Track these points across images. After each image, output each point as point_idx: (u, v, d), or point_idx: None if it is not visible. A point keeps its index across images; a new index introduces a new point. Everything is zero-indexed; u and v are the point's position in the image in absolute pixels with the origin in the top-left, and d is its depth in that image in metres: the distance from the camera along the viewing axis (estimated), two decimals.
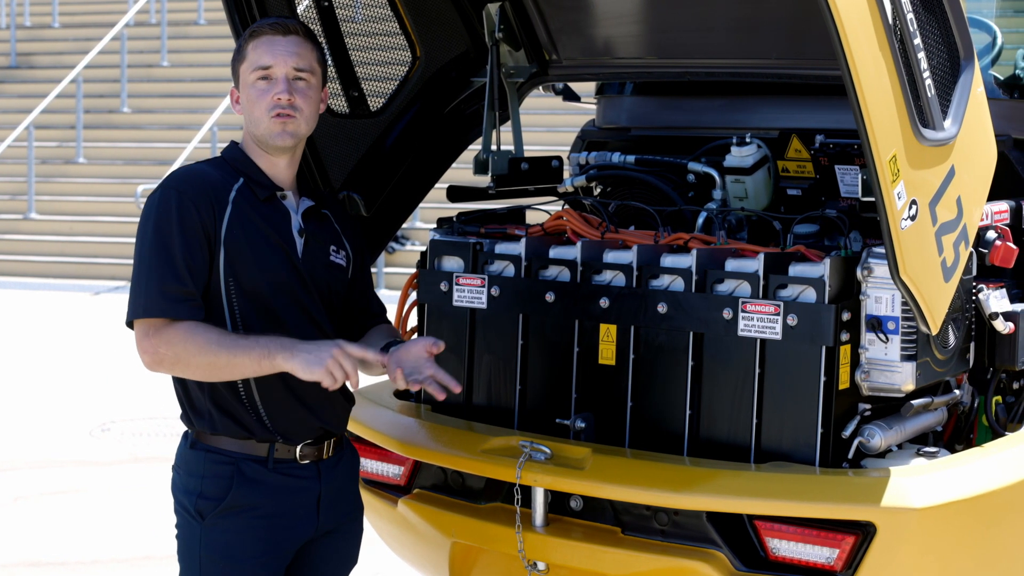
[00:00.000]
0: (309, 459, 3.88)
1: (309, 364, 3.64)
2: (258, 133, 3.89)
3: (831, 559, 3.86)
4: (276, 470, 3.83)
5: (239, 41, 3.95)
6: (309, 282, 3.89)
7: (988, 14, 5.25)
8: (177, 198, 3.75)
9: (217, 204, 3.78)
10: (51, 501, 7.97)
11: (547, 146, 7.32)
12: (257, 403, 3.82)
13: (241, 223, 3.80)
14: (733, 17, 4.64)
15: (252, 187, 3.87)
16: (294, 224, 3.91)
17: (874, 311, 3.99)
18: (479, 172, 5.02)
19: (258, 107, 3.86)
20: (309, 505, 3.89)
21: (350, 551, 4.11)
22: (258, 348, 3.67)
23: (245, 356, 3.67)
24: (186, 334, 3.68)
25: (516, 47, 4.99)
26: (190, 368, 3.71)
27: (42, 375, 11.40)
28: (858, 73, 3.50)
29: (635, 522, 4.17)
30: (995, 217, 4.36)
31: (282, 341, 3.69)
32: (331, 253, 3.99)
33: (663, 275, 4.25)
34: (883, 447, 4.03)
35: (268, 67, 3.86)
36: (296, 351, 3.66)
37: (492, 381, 4.58)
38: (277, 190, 3.91)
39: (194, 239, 3.73)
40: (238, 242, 3.78)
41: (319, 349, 3.67)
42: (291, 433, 3.86)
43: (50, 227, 17.62)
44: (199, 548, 3.83)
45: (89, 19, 22.15)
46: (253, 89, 3.87)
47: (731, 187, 4.73)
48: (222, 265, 3.77)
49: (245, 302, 3.79)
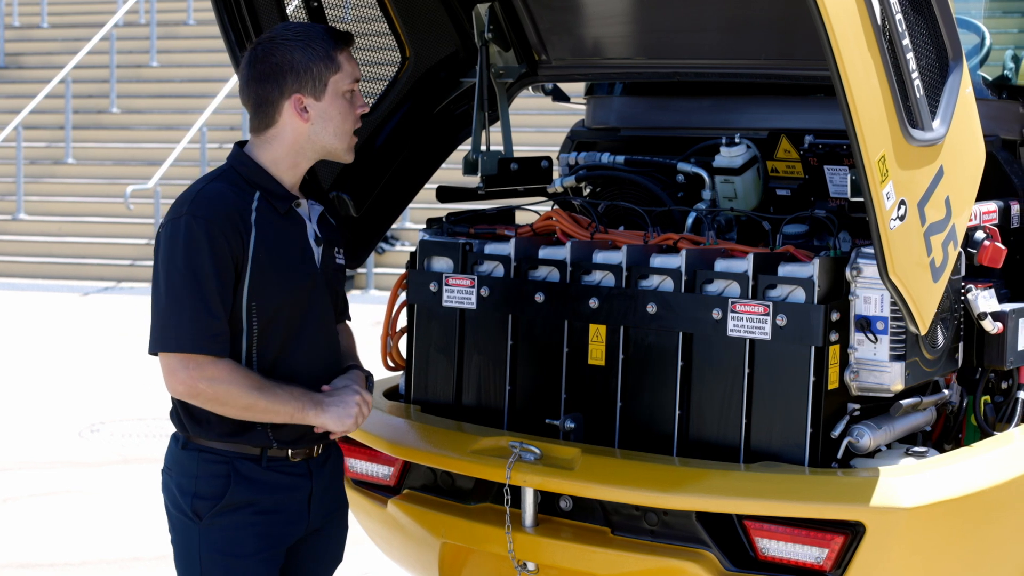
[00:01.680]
0: (300, 457, 3.88)
1: (340, 418, 3.80)
2: (340, 146, 3.88)
3: (820, 559, 3.86)
4: (270, 468, 3.83)
5: (321, 46, 3.81)
6: (326, 289, 3.92)
7: (976, 14, 5.26)
8: (206, 228, 3.69)
9: (243, 229, 3.74)
10: (40, 502, 7.96)
11: (537, 146, 7.32)
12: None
13: (266, 245, 3.76)
14: (722, 17, 4.65)
15: (270, 200, 3.82)
16: (310, 233, 3.90)
17: (863, 311, 3.99)
18: (469, 172, 5.02)
19: (348, 120, 3.86)
20: (301, 502, 3.90)
21: (336, 550, 4.11)
22: (293, 401, 3.76)
23: (282, 407, 3.75)
24: (230, 376, 3.70)
25: (505, 47, 4.99)
26: (227, 408, 3.73)
27: (31, 376, 11.39)
28: (847, 73, 3.51)
29: (625, 522, 4.18)
30: (983, 217, 4.37)
31: (311, 396, 3.79)
32: (337, 255, 4.00)
33: (652, 275, 4.25)
34: (872, 447, 4.04)
35: (359, 80, 3.87)
36: (326, 406, 3.80)
37: (482, 381, 4.58)
38: (294, 199, 3.87)
39: (225, 271, 3.71)
40: (263, 265, 3.75)
41: (343, 401, 3.82)
42: (290, 439, 3.85)
43: (39, 227, 17.59)
44: (198, 548, 3.82)
45: (78, 19, 22.11)
46: (341, 100, 3.84)
47: (720, 187, 4.74)
48: (246, 289, 3.75)
49: (265, 322, 3.79)
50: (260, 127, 3.86)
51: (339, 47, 3.84)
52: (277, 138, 3.85)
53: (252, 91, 3.85)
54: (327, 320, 3.95)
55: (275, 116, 3.83)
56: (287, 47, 3.81)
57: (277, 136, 3.85)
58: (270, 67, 3.81)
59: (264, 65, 3.82)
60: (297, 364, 3.85)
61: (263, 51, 3.83)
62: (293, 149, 3.85)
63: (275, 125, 3.84)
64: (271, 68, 3.81)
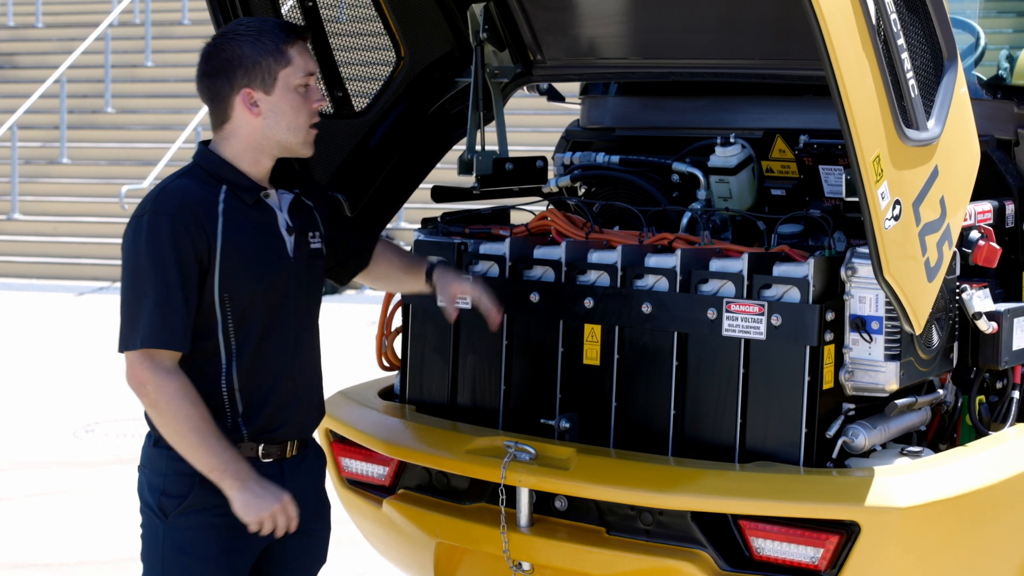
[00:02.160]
0: (272, 458, 3.87)
1: (247, 507, 3.71)
2: (294, 140, 3.86)
3: (815, 558, 3.86)
4: None
5: (271, 40, 3.80)
6: (302, 277, 3.91)
7: (971, 15, 5.26)
8: (170, 224, 3.70)
9: (208, 223, 3.74)
10: (34, 502, 7.95)
11: (532, 146, 7.33)
12: (238, 408, 3.82)
13: (234, 237, 3.77)
14: (717, 17, 4.65)
15: (237, 193, 3.82)
16: (281, 223, 3.90)
17: (858, 311, 3.99)
18: (464, 172, 5.02)
19: (302, 114, 3.84)
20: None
21: (317, 550, 4.09)
22: (217, 461, 3.69)
23: (204, 456, 3.69)
24: (177, 394, 3.68)
25: (501, 47, 4.99)
26: (161, 419, 3.71)
27: (26, 376, 11.38)
28: (842, 73, 3.51)
29: (620, 522, 4.18)
30: (978, 217, 4.37)
31: (239, 469, 3.71)
32: (311, 241, 3.97)
33: (647, 275, 4.25)
34: (867, 447, 4.04)
35: (313, 74, 3.85)
36: (244, 488, 3.71)
37: (477, 381, 4.58)
38: (261, 190, 3.88)
39: (189, 266, 3.70)
40: (233, 257, 3.76)
41: (265, 498, 3.72)
42: (262, 436, 3.85)
43: (33, 227, 17.57)
44: (162, 546, 3.82)
45: (73, 19, 22.10)
46: (294, 95, 3.82)
47: (715, 187, 4.74)
48: (217, 283, 3.75)
49: (239, 315, 3.79)
50: (217, 123, 3.87)
51: (290, 41, 3.81)
52: (234, 134, 3.85)
53: (204, 87, 3.85)
54: (305, 309, 3.94)
55: (228, 112, 3.83)
56: (237, 42, 3.80)
57: (234, 132, 3.84)
58: (220, 62, 3.81)
59: (215, 60, 3.82)
60: (276, 353, 3.84)
61: (214, 46, 3.83)
62: (250, 144, 3.84)
63: (230, 121, 3.84)
64: (221, 63, 3.81)
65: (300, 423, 3.95)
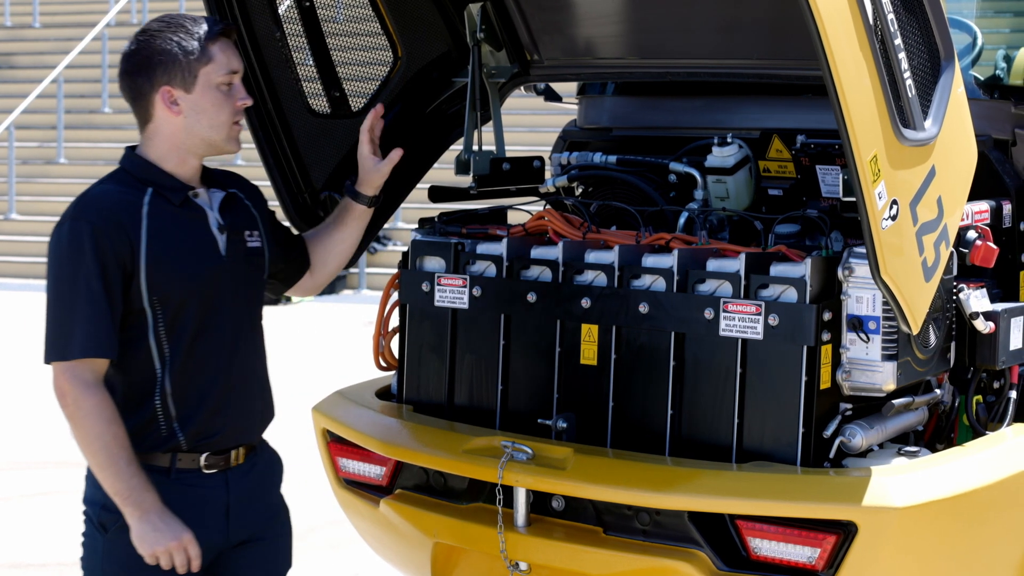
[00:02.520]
0: (215, 468, 3.79)
1: (142, 539, 3.62)
2: (217, 138, 3.78)
3: (812, 558, 3.86)
4: (179, 480, 3.74)
5: (193, 37, 3.74)
6: (237, 279, 3.82)
7: (968, 15, 5.27)
8: (90, 230, 3.64)
9: (131, 226, 3.67)
10: (32, 502, 7.95)
11: (529, 146, 7.31)
12: (172, 414, 3.74)
13: (160, 239, 3.69)
14: (714, 17, 4.65)
15: (163, 194, 3.75)
16: (212, 221, 3.81)
17: (855, 311, 3.99)
18: (461, 172, 5.01)
19: (224, 112, 3.77)
20: (216, 515, 3.80)
21: (278, 557, 4.00)
22: (122, 486, 3.61)
23: (110, 478, 3.61)
24: (94, 410, 3.60)
25: (498, 47, 4.99)
26: (75, 434, 3.63)
27: (23, 376, 11.37)
28: (839, 73, 3.51)
29: (617, 522, 4.18)
30: (975, 217, 4.37)
31: (142, 499, 3.62)
32: (247, 239, 3.89)
33: (644, 275, 4.25)
34: (864, 446, 4.04)
35: (236, 72, 3.78)
36: (143, 519, 3.62)
37: (474, 381, 4.58)
38: (189, 189, 3.79)
39: (111, 272, 3.63)
40: (159, 260, 3.68)
41: (162, 532, 3.62)
42: (201, 442, 3.77)
43: (31, 227, 17.56)
44: (102, 561, 3.75)
45: (70, 19, 22.10)
46: (217, 92, 3.75)
47: (712, 187, 4.74)
48: (144, 285, 3.67)
49: (171, 318, 3.70)
50: (141, 123, 3.81)
51: (213, 38, 3.75)
52: (157, 134, 3.78)
53: (125, 85, 3.79)
54: (243, 310, 3.86)
55: (150, 110, 3.76)
56: (158, 39, 3.73)
57: (157, 132, 3.78)
58: (141, 59, 3.74)
59: (135, 58, 3.75)
60: (210, 355, 3.76)
61: (135, 43, 3.76)
62: (174, 144, 3.78)
63: (152, 120, 3.77)
64: (142, 61, 3.74)
65: (242, 428, 3.86)
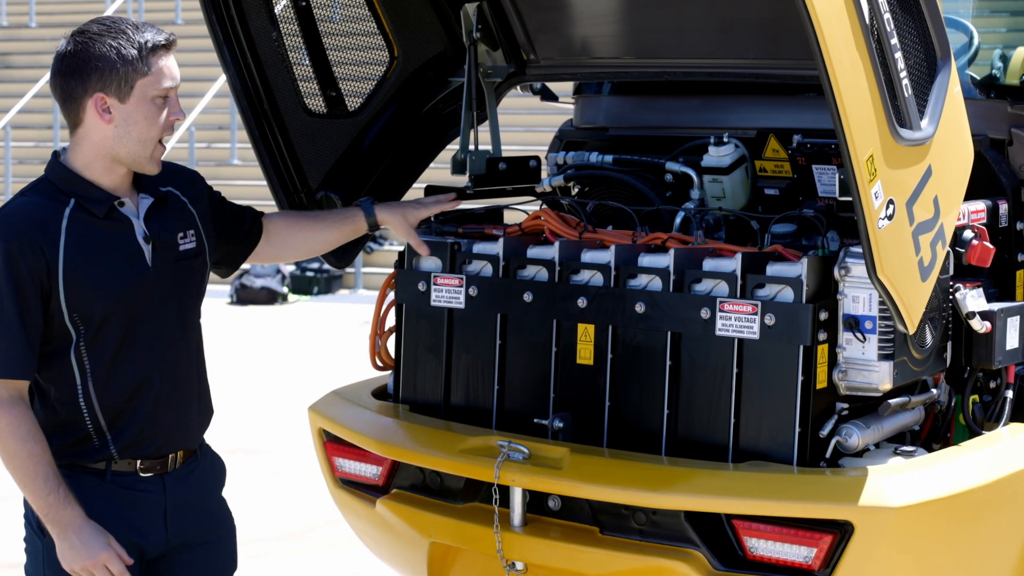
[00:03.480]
0: (151, 472, 3.75)
1: (63, 556, 3.60)
2: (142, 154, 3.68)
3: (809, 558, 3.86)
4: (115, 482, 3.72)
5: (134, 46, 3.62)
6: (164, 287, 3.73)
7: (965, 14, 5.27)
8: (4, 249, 3.55)
9: (47, 243, 3.57)
10: None
11: (525, 146, 7.31)
12: (102, 426, 3.69)
13: (78, 253, 3.60)
14: (710, 17, 4.65)
15: (86, 206, 3.64)
16: (138, 232, 3.71)
17: (851, 310, 3.99)
18: (457, 172, 5.02)
19: (154, 127, 3.66)
20: (154, 517, 3.76)
21: (223, 560, 3.97)
22: (41, 503, 3.59)
23: (30, 496, 3.60)
24: (7, 430, 3.57)
25: (494, 47, 4.99)
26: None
27: None
28: (835, 73, 3.51)
29: (613, 522, 4.17)
30: (972, 216, 4.38)
31: (60, 515, 3.59)
32: (180, 243, 3.79)
33: (641, 275, 4.25)
34: (860, 446, 4.04)
35: (172, 88, 3.68)
36: (63, 536, 3.59)
37: (470, 381, 4.58)
38: (114, 200, 3.69)
39: (26, 290, 3.56)
40: (77, 275, 3.59)
41: (80, 551, 3.59)
42: (136, 454, 3.73)
43: None
44: (43, 564, 3.72)
45: (67, 19, 22.03)
46: (151, 106, 3.64)
47: (709, 187, 4.74)
48: (63, 303, 3.59)
49: (93, 333, 3.63)
50: (70, 126, 3.70)
51: (153, 49, 3.64)
52: (85, 139, 3.67)
53: (58, 85, 3.66)
54: (174, 318, 3.78)
55: (80, 114, 3.65)
56: (98, 42, 3.61)
57: (85, 137, 3.66)
58: (77, 62, 3.61)
59: (72, 59, 3.62)
60: (136, 367, 3.70)
61: (73, 44, 3.63)
62: (100, 152, 3.67)
63: (82, 125, 3.66)
64: (78, 63, 3.61)
65: (178, 435, 3.80)
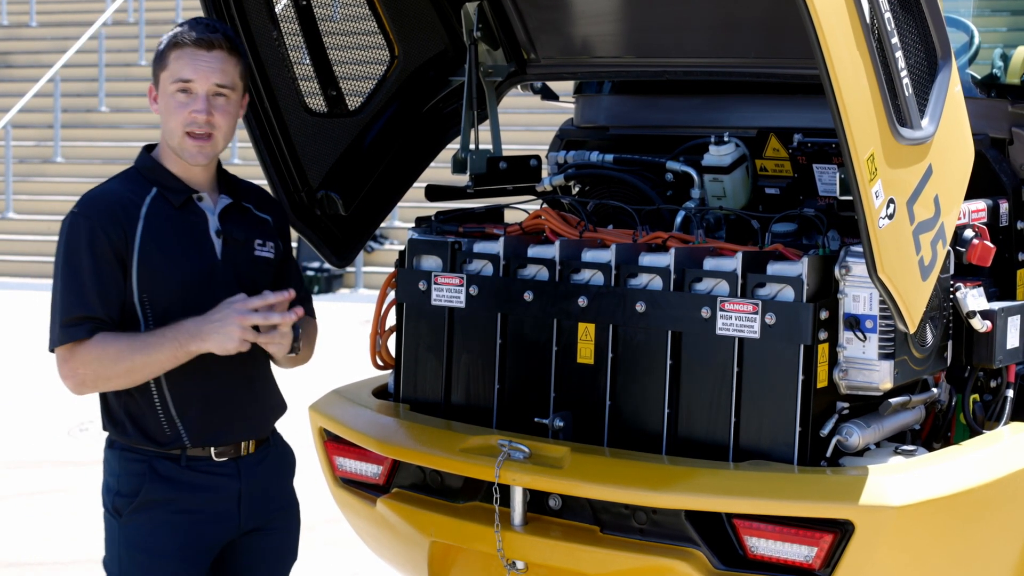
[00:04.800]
0: (226, 456, 3.88)
1: (222, 343, 3.70)
2: (172, 144, 3.86)
3: (809, 557, 3.86)
4: (191, 467, 3.84)
5: (161, 43, 3.85)
6: (232, 281, 3.86)
7: (965, 13, 5.26)
8: (86, 225, 3.76)
9: (128, 223, 3.77)
10: (29, 501, 7.94)
11: (525, 145, 7.31)
12: (173, 415, 3.82)
13: (154, 237, 3.78)
14: (711, 16, 4.65)
15: (166, 195, 3.85)
16: (211, 225, 3.88)
17: (852, 310, 3.99)
18: (457, 171, 5.02)
19: (174, 119, 3.83)
20: (229, 502, 3.89)
21: (286, 547, 4.09)
22: (168, 343, 3.70)
23: (159, 353, 3.70)
24: (98, 349, 3.71)
25: (494, 46, 4.99)
26: (111, 380, 3.74)
27: (20, 374, 11.37)
28: (836, 72, 3.51)
29: (614, 521, 4.17)
30: (972, 216, 4.37)
31: (187, 328, 3.70)
32: (256, 248, 3.96)
33: (641, 274, 4.25)
34: (861, 445, 4.04)
35: (189, 81, 3.81)
36: (205, 336, 3.69)
37: (471, 380, 4.58)
38: (192, 193, 3.88)
39: (105, 266, 3.74)
40: (151, 257, 3.77)
41: (223, 324, 3.69)
42: (207, 442, 3.85)
43: (28, 227, 17.56)
44: (118, 546, 3.85)
45: (67, 18, 22.07)
46: (172, 100, 3.83)
47: (709, 186, 4.74)
48: (135, 283, 3.76)
49: (159, 316, 3.78)
50: None
51: (175, 46, 3.82)
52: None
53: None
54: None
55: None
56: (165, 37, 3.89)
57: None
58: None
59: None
60: (202, 357, 3.78)
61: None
62: (163, 140, 3.90)
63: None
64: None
65: (248, 425, 3.93)
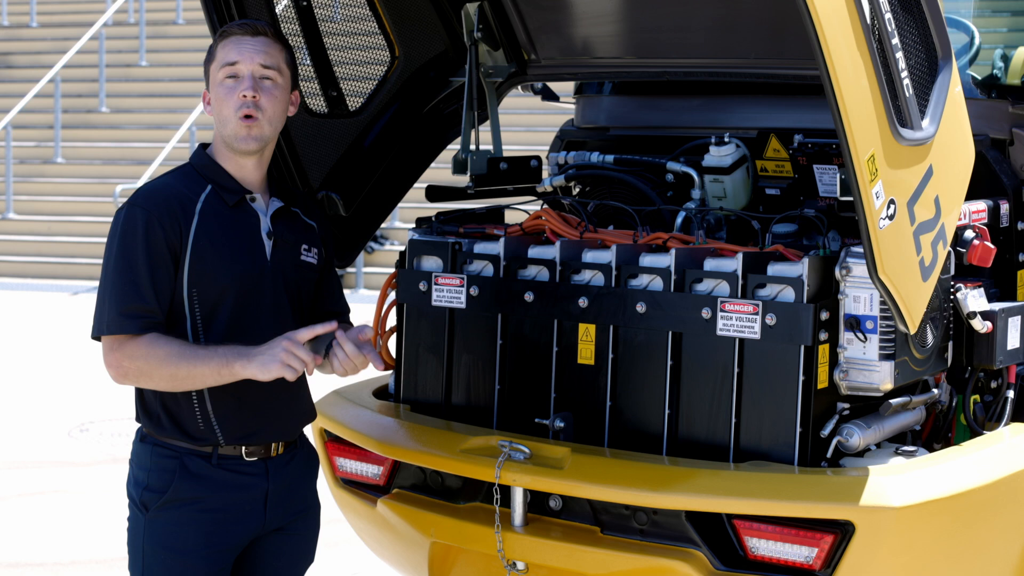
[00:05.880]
0: (256, 456, 3.91)
1: (265, 365, 3.72)
2: (225, 133, 3.90)
3: (810, 558, 3.86)
4: (221, 466, 3.87)
5: (214, 42, 3.96)
6: (279, 284, 3.94)
7: (966, 14, 5.26)
8: (143, 216, 3.79)
9: (183, 218, 3.82)
10: (29, 501, 7.94)
11: (526, 146, 7.32)
12: (209, 412, 3.85)
13: (207, 233, 3.84)
14: (712, 17, 4.65)
15: (220, 193, 3.90)
16: (263, 226, 3.94)
17: (852, 310, 3.99)
18: (458, 172, 5.02)
19: (226, 105, 3.88)
20: (256, 501, 3.92)
21: (304, 549, 4.12)
22: (216, 358, 3.73)
23: (204, 367, 3.73)
24: (148, 348, 3.74)
25: (495, 47, 4.99)
26: (153, 380, 3.77)
27: (20, 375, 11.37)
28: (836, 73, 3.51)
29: (614, 521, 4.17)
30: (973, 216, 4.38)
31: (237, 349, 3.75)
32: (302, 253, 4.03)
33: (642, 275, 4.25)
34: (862, 446, 4.04)
35: (235, 63, 3.87)
36: (251, 356, 3.73)
37: (471, 381, 4.58)
38: (246, 193, 3.93)
39: (159, 257, 3.78)
40: (203, 253, 3.82)
41: (271, 348, 3.73)
42: (240, 441, 3.89)
43: (28, 227, 17.56)
44: (143, 540, 3.88)
45: (67, 18, 22.08)
46: (221, 87, 3.89)
47: (710, 187, 4.74)
48: (186, 277, 3.81)
49: (207, 312, 3.83)
50: None
51: (220, 39, 3.93)
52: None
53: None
54: (284, 314, 3.95)
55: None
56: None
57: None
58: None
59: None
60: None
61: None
62: (217, 142, 3.95)
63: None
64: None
65: (280, 427, 3.97)
